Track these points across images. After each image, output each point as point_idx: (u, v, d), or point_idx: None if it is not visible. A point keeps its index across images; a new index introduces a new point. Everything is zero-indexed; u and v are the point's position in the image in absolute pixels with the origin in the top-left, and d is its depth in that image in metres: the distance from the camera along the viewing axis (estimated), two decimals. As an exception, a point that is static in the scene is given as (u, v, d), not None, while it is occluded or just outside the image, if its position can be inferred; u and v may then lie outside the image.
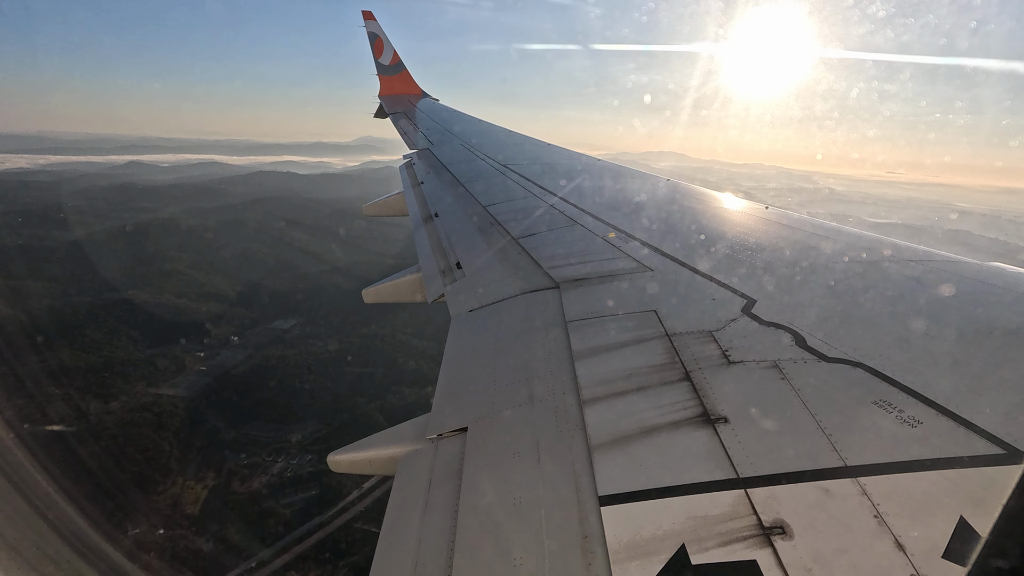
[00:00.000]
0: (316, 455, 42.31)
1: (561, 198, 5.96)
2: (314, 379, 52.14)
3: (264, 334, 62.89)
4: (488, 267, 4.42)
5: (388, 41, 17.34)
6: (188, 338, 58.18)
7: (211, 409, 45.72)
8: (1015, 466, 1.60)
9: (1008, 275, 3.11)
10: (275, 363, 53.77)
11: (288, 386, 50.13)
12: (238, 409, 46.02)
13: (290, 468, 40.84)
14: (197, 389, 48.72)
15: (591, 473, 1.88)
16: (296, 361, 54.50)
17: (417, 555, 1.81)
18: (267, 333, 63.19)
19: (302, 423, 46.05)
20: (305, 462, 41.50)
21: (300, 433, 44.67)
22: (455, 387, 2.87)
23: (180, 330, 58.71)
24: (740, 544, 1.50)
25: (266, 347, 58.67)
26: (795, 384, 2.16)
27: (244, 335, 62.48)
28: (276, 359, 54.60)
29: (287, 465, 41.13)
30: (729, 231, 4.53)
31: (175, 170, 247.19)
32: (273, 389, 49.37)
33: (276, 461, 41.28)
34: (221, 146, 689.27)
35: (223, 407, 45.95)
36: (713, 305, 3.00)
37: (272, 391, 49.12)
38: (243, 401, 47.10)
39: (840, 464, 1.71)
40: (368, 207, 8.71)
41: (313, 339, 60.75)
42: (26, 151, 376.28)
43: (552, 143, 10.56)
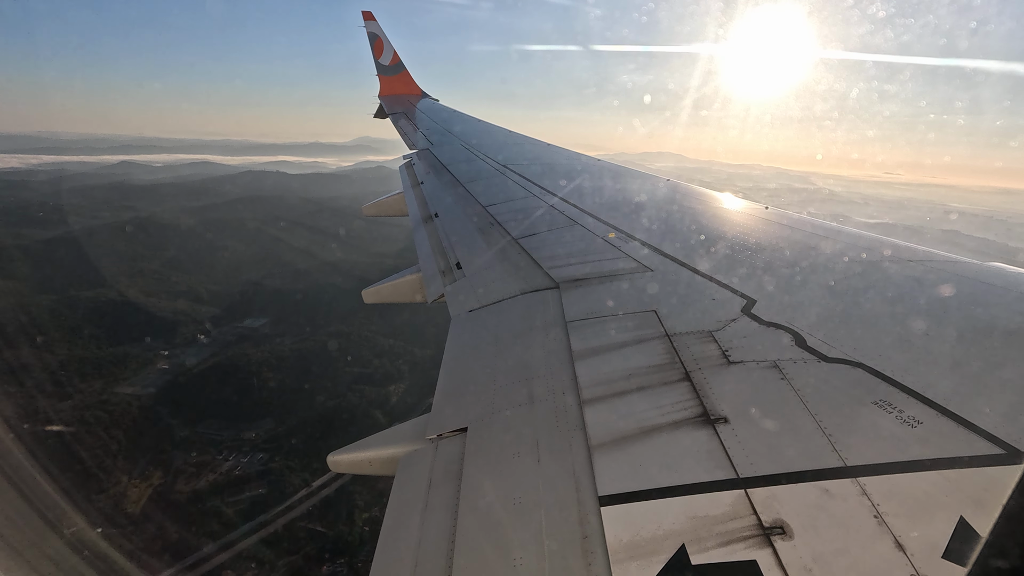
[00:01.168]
0: (268, 453, 42.33)
1: (561, 198, 5.96)
2: (275, 378, 52.21)
3: (232, 333, 62.95)
4: (488, 267, 4.42)
5: (388, 41, 17.34)
6: (154, 336, 58.15)
7: (167, 407, 45.57)
8: (1015, 466, 1.60)
9: (1008, 275, 3.11)
10: (239, 362, 53.78)
11: (248, 385, 50.11)
12: (195, 407, 45.92)
13: (240, 466, 40.56)
14: (156, 387, 48.61)
15: (591, 473, 1.88)
16: (260, 360, 54.58)
17: (417, 555, 1.81)
18: (236, 332, 63.22)
19: (258, 421, 45.98)
20: (256, 460, 41.34)
21: (255, 431, 44.59)
22: (455, 387, 2.87)
23: (146, 328, 58.72)
24: (740, 544, 1.49)
25: (232, 346, 58.75)
26: (795, 384, 2.16)
27: (212, 333, 62.60)
28: (240, 358, 54.61)
29: (237, 463, 40.87)
30: (729, 231, 4.53)
31: (168, 170, 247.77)
32: (232, 388, 49.27)
33: (227, 459, 41.04)
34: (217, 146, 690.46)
35: (179, 405, 45.81)
36: (713, 305, 3.00)
37: (231, 390, 49.01)
38: (201, 399, 46.99)
39: (840, 464, 1.71)
40: (368, 207, 8.70)
41: (281, 338, 61.00)
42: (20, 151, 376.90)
43: (552, 143, 10.57)
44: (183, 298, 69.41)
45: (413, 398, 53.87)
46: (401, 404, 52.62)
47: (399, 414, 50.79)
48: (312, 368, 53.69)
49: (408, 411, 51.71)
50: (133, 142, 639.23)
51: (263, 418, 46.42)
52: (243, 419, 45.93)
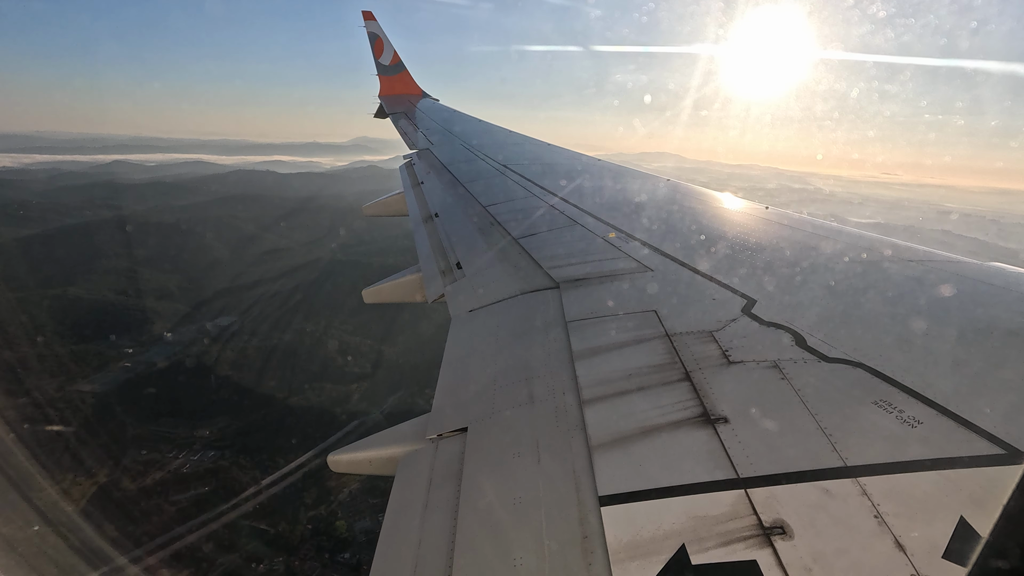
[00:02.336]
0: (220, 451, 42.26)
1: (561, 198, 5.96)
2: (236, 376, 52.31)
3: (200, 331, 63.10)
4: (488, 267, 4.42)
5: (388, 41, 17.34)
6: (119, 334, 58.06)
7: (122, 405, 45.34)
8: (1015, 466, 1.60)
9: (1008, 275, 3.11)
10: (201, 360, 53.92)
11: (207, 382, 50.16)
12: (151, 405, 45.84)
13: (189, 464, 40.40)
14: (114, 385, 48.41)
15: (591, 473, 1.88)
16: (223, 358, 54.76)
17: (417, 555, 1.81)
18: (203, 330, 63.38)
19: (214, 419, 45.93)
20: (207, 458, 41.25)
21: (209, 429, 44.52)
22: (455, 387, 2.87)
23: (112, 326, 58.65)
24: (740, 544, 1.50)
25: (197, 344, 58.86)
26: (795, 384, 2.16)
27: (179, 332, 62.64)
28: (203, 356, 54.77)
29: (186, 461, 40.71)
30: (729, 231, 4.53)
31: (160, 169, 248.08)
32: (191, 385, 49.34)
33: (176, 457, 40.89)
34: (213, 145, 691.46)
35: (135, 403, 45.65)
36: (713, 305, 3.00)
37: (190, 388, 49.06)
38: (158, 397, 46.94)
39: (840, 464, 1.71)
40: (368, 207, 8.71)
41: (248, 336, 61.18)
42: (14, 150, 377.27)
43: (552, 143, 10.57)
44: (153, 296, 69.53)
45: (375, 396, 54.05)
46: (362, 402, 52.79)
47: (359, 412, 51.16)
48: (275, 366, 53.97)
49: (369, 409, 52.15)
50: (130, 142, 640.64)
51: (219, 416, 46.41)
52: (199, 417, 45.89)
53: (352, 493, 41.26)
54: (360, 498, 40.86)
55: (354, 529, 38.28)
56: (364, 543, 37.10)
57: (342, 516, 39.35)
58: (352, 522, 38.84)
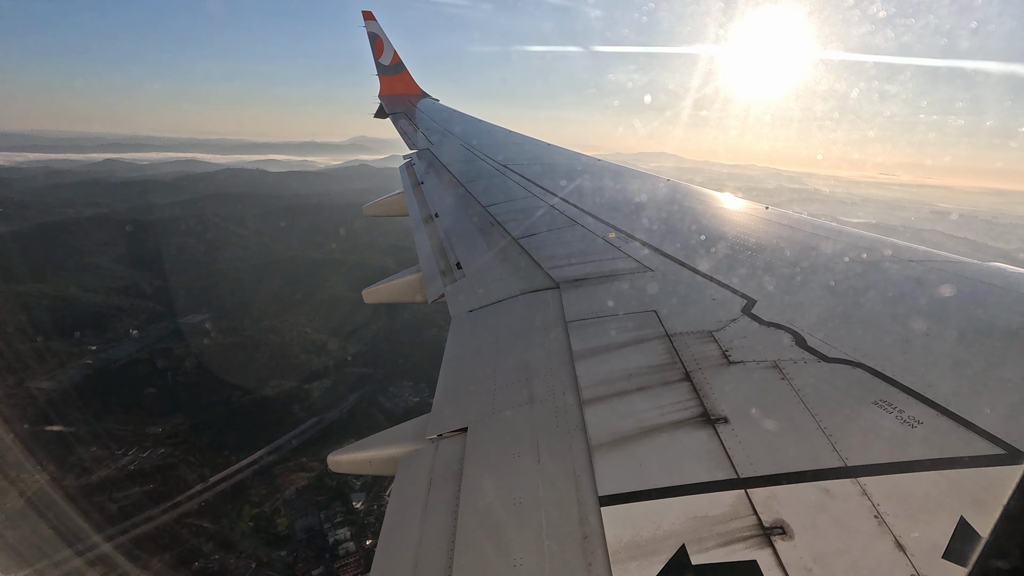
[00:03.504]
0: (170, 448, 42.20)
1: (561, 198, 5.96)
2: (196, 373, 52.33)
3: (168, 328, 63.16)
4: (488, 267, 4.42)
5: (388, 41, 17.34)
6: (85, 331, 58.11)
7: (78, 402, 45.24)
8: (1015, 466, 1.60)
9: (1008, 275, 3.11)
10: (163, 357, 53.95)
11: (165, 380, 50.14)
12: (107, 402, 45.72)
13: (137, 461, 40.26)
14: (73, 382, 48.36)
15: (591, 473, 1.88)
16: (185, 355, 54.75)
17: (417, 555, 1.81)
18: (172, 328, 63.43)
19: (168, 416, 45.91)
20: (156, 455, 41.18)
21: (162, 426, 44.50)
22: (455, 387, 2.87)
23: (79, 323, 58.66)
24: (740, 544, 1.49)
25: (163, 341, 58.96)
26: (795, 384, 2.16)
27: (147, 329, 62.82)
28: (166, 353, 54.81)
29: (135, 459, 40.58)
30: (729, 231, 4.53)
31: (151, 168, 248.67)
32: (149, 382, 49.32)
33: (125, 454, 40.78)
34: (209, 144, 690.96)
35: (92, 400, 45.54)
36: (713, 305, 3.00)
37: (148, 384, 49.04)
38: (115, 394, 46.82)
39: (840, 464, 1.71)
40: (368, 207, 8.70)
41: (216, 333, 61.38)
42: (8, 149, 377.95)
43: (551, 143, 10.57)
44: (125, 294, 69.72)
45: (336, 393, 54.17)
46: (323, 399, 52.92)
47: (317, 409, 51.36)
48: (238, 363, 53.97)
49: (329, 406, 52.37)
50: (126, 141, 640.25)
51: (175, 413, 46.37)
52: (154, 414, 45.84)
53: (299, 490, 41.43)
54: (306, 495, 41.00)
55: (295, 527, 38.36)
56: (303, 540, 37.24)
57: (285, 513, 39.46)
58: (294, 519, 38.96)
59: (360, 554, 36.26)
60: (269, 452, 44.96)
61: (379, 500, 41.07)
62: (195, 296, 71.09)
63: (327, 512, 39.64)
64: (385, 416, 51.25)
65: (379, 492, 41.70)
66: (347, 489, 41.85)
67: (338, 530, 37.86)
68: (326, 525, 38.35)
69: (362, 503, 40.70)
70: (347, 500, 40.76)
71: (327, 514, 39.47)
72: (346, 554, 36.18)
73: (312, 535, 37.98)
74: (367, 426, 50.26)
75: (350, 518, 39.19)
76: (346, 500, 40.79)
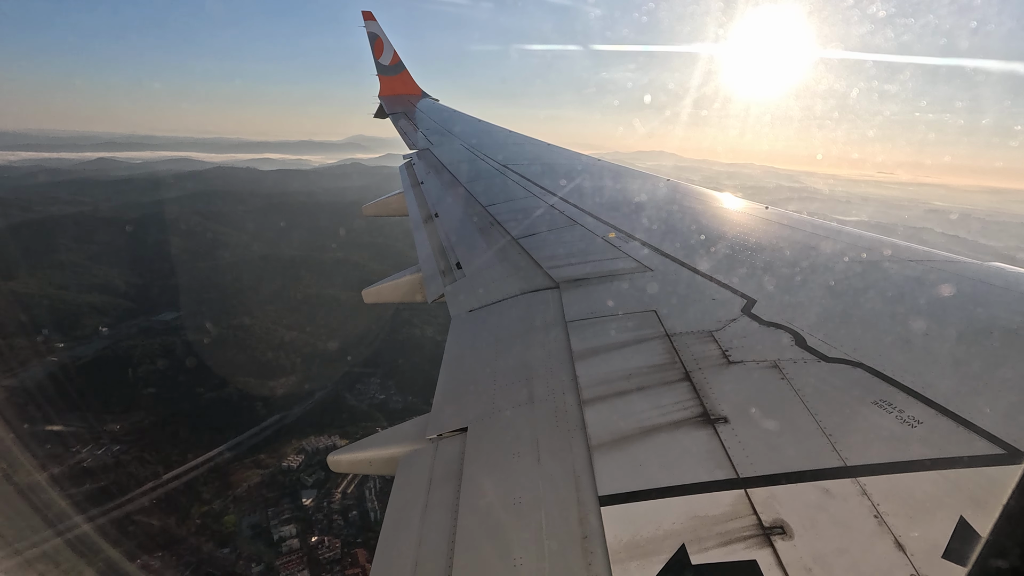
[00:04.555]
0: (126, 445, 42.08)
1: (561, 198, 5.96)
2: (161, 370, 52.32)
3: (139, 326, 63.16)
4: (488, 267, 4.42)
5: (388, 41, 17.34)
6: (54, 329, 57.91)
7: (37, 399, 44.85)
8: (1015, 466, 1.60)
9: (1008, 275, 3.11)
10: (130, 354, 53.85)
11: (126, 376, 50.04)
12: (67, 399, 45.37)
13: (91, 459, 40.10)
14: (36, 379, 48.13)
15: (591, 473, 1.88)
16: (152, 352, 54.75)
17: (417, 555, 1.81)
18: (143, 325, 63.48)
19: (128, 413, 45.81)
20: (111, 452, 41.08)
21: (120, 423, 44.41)
22: (455, 387, 2.87)
23: (47, 320, 58.49)
24: (740, 544, 1.49)
25: (132, 339, 58.87)
26: (795, 384, 2.16)
27: (118, 326, 62.72)
28: (132, 350, 54.68)
29: (89, 455, 40.43)
30: (729, 231, 4.53)
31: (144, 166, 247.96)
32: (113, 380, 49.15)
33: (80, 452, 40.63)
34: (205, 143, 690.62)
35: (51, 398, 45.13)
36: (713, 305, 3.00)
37: (111, 382, 48.88)
38: (75, 392, 46.47)
39: (840, 464, 1.71)
40: (368, 207, 8.70)
41: (186, 331, 61.36)
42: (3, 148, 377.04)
43: (551, 143, 10.57)
44: (98, 291, 69.59)
45: (301, 391, 54.15)
46: (287, 396, 52.96)
47: (280, 406, 51.37)
48: (204, 361, 53.88)
49: (292, 403, 52.36)
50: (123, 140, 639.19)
51: (135, 410, 46.29)
52: (114, 411, 45.66)
53: (251, 487, 41.47)
54: (257, 492, 41.07)
55: (242, 524, 38.41)
56: (249, 537, 37.20)
57: (234, 511, 39.48)
58: (242, 516, 39.00)
59: (304, 551, 36.33)
60: (228, 449, 45.02)
61: (329, 497, 41.28)
62: (171, 294, 71.31)
63: (275, 509, 39.74)
64: (349, 413, 51.39)
65: (331, 489, 41.93)
66: (298, 486, 41.97)
67: (284, 527, 37.97)
68: (273, 522, 38.46)
69: (312, 500, 40.81)
70: (297, 497, 40.90)
71: (275, 511, 39.55)
72: (289, 551, 36.28)
73: (258, 532, 38.07)
74: (329, 423, 49.90)
75: (298, 515, 39.29)
76: (296, 497, 40.92)
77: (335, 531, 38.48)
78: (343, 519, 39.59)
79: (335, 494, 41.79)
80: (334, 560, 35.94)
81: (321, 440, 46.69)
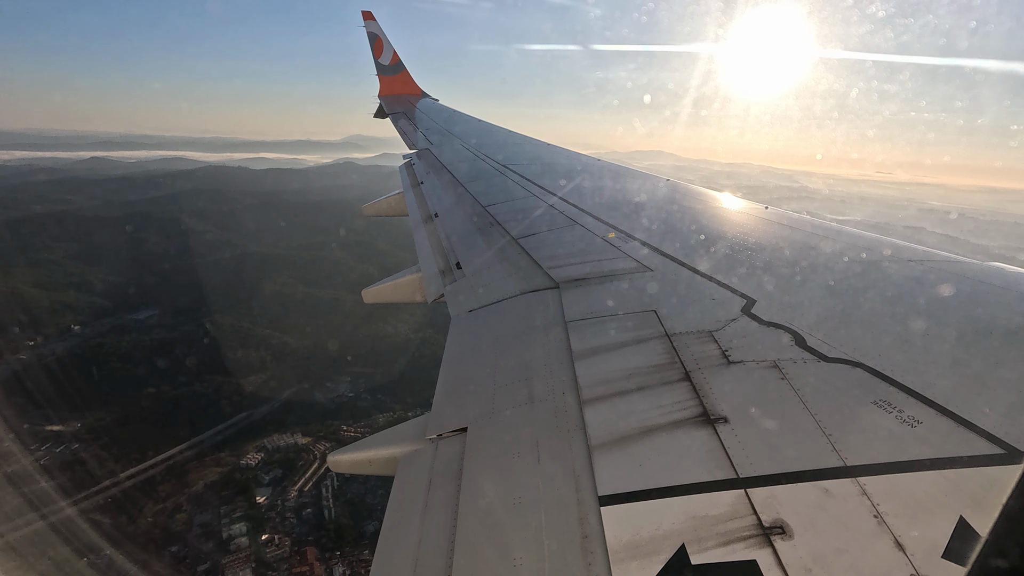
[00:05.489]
0: (85, 443, 41.67)
1: (561, 198, 5.96)
2: (132, 368, 51.87)
3: (112, 324, 62.66)
4: (488, 267, 4.42)
5: (388, 41, 17.34)
6: (26, 326, 57.43)
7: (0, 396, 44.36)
8: (1015, 466, 1.60)
9: (1008, 275, 3.11)
10: (98, 352, 53.52)
11: (92, 375, 49.55)
12: (30, 397, 45.03)
13: (48, 457, 39.67)
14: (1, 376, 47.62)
15: (591, 473, 1.88)
16: (123, 351, 54.34)
17: (417, 555, 1.81)
18: (117, 323, 63.01)
19: (89, 412, 45.28)
20: (69, 451, 40.72)
21: (81, 422, 43.98)
22: (455, 387, 2.87)
23: (18, 318, 57.92)
24: (740, 544, 1.50)
25: (103, 336, 58.38)
26: (795, 384, 2.16)
27: (92, 325, 62.23)
28: (101, 348, 54.36)
29: (47, 454, 40.01)
30: (729, 231, 4.53)
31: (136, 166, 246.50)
32: (77, 378, 48.39)
33: (39, 449, 40.15)
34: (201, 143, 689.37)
35: (12, 396, 44.71)
36: (713, 305, 3.00)
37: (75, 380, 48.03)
38: (39, 390, 45.86)
39: (840, 464, 1.71)
40: (368, 207, 8.70)
41: (161, 329, 61.19)
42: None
43: (551, 143, 10.57)
44: (74, 289, 69.15)
45: (269, 389, 53.79)
46: (255, 395, 52.56)
47: (249, 404, 51.02)
48: (175, 358, 53.64)
49: (260, 401, 52.02)
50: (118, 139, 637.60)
51: (98, 408, 45.85)
52: (78, 409, 45.01)
53: (207, 485, 41.19)
54: (212, 490, 40.79)
55: (192, 522, 38.11)
56: (198, 536, 36.92)
57: (187, 509, 39.18)
58: (194, 515, 38.68)
59: (252, 548, 36.13)
60: (190, 447, 44.80)
61: (284, 495, 41.17)
62: (149, 292, 71.21)
63: (228, 507, 39.47)
64: (315, 411, 51.20)
65: (287, 487, 41.82)
66: (253, 484, 41.80)
67: (234, 525, 37.73)
68: (224, 520, 38.24)
69: (266, 498, 40.65)
70: (251, 495, 40.77)
71: (227, 509, 39.29)
72: (237, 549, 36.03)
73: (209, 530, 37.78)
74: (295, 421, 49.40)
75: (250, 513, 39.09)
76: (250, 495, 40.78)
77: (287, 529, 38.34)
78: (296, 517, 39.40)
79: (291, 492, 41.73)
80: (282, 558, 35.77)
81: (283, 438, 46.66)
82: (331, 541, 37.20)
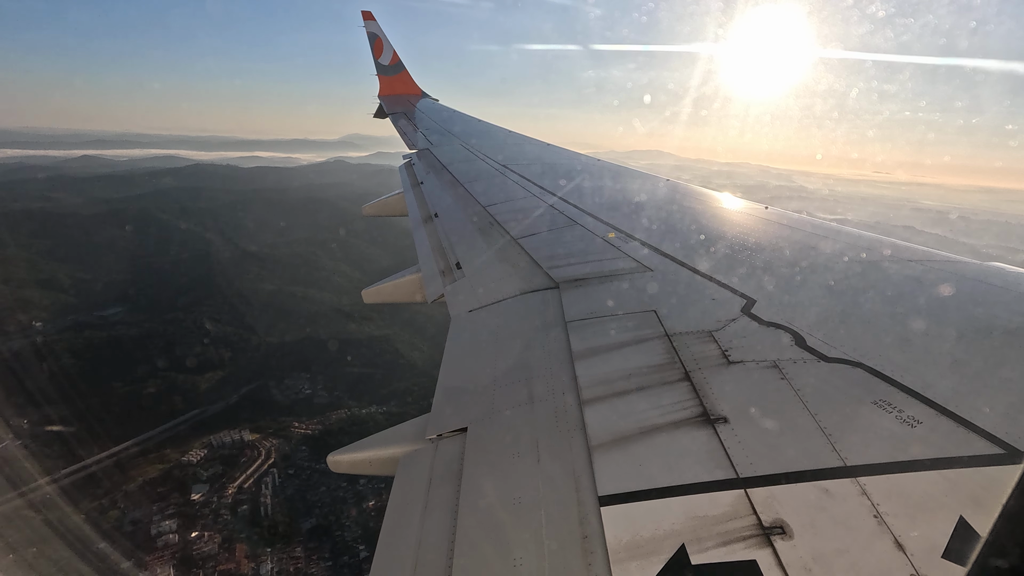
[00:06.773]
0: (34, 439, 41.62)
1: (561, 198, 5.96)
2: (86, 365, 51.74)
3: (76, 321, 62.51)
4: (488, 267, 4.42)
5: (388, 41, 17.34)
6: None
7: None
8: (1015, 466, 1.60)
9: (1008, 275, 3.10)
10: (54, 349, 53.35)
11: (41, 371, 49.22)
12: None
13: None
14: None
15: (591, 473, 1.88)
16: (78, 347, 54.26)
17: (417, 555, 1.81)
18: (81, 320, 62.81)
19: (39, 408, 45.15)
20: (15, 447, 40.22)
21: (27, 419, 43.90)
22: (455, 387, 2.87)
23: None
24: (740, 544, 1.50)
25: (63, 332, 58.32)
26: (795, 384, 2.16)
27: (55, 321, 62.14)
28: (58, 344, 54.25)
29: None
30: (729, 231, 4.53)
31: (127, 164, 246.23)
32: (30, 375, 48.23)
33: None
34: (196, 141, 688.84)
35: None
36: (713, 305, 3.00)
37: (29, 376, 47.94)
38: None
39: (840, 464, 1.71)
40: (368, 207, 8.70)
41: (123, 326, 61.12)
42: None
43: (551, 143, 10.57)
44: (40, 287, 69.15)
45: (228, 386, 53.78)
46: (212, 391, 52.68)
47: (205, 401, 51.07)
48: (133, 355, 53.72)
49: (216, 398, 52.03)
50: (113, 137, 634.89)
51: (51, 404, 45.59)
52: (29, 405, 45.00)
53: (145, 482, 41.21)
54: (149, 488, 40.79)
55: (125, 519, 38.17)
56: (129, 533, 36.87)
57: (122, 506, 39.20)
58: (126, 511, 38.75)
59: (179, 546, 36.02)
60: (136, 443, 44.69)
61: (221, 493, 41.10)
62: (117, 289, 71.14)
63: (161, 504, 39.49)
64: (269, 408, 51.12)
65: (226, 483, 41.78)
66: (190, 481, 41.73)
67: (165, 522, 37.78)
68: (156, 517, 38.30)
69: (202, 495, 40.63)
70: (186, 492, 40.75)
71: (160, 506, 39.32)
72: (164, 546, 36.03)
73: (140, 527, 37.78)
74: (246, 418, 49.06)
75: (183, 510, 39.07)
76: (185, 492, 40.76)
77: (219, 526, 38.25)
78: (231, 514, 39.37)
79: (228, 489, 41.66)
80: (210, 555, 35.66)
81: (230, 434, 46.57)
82: (263, 538, 37.30)
